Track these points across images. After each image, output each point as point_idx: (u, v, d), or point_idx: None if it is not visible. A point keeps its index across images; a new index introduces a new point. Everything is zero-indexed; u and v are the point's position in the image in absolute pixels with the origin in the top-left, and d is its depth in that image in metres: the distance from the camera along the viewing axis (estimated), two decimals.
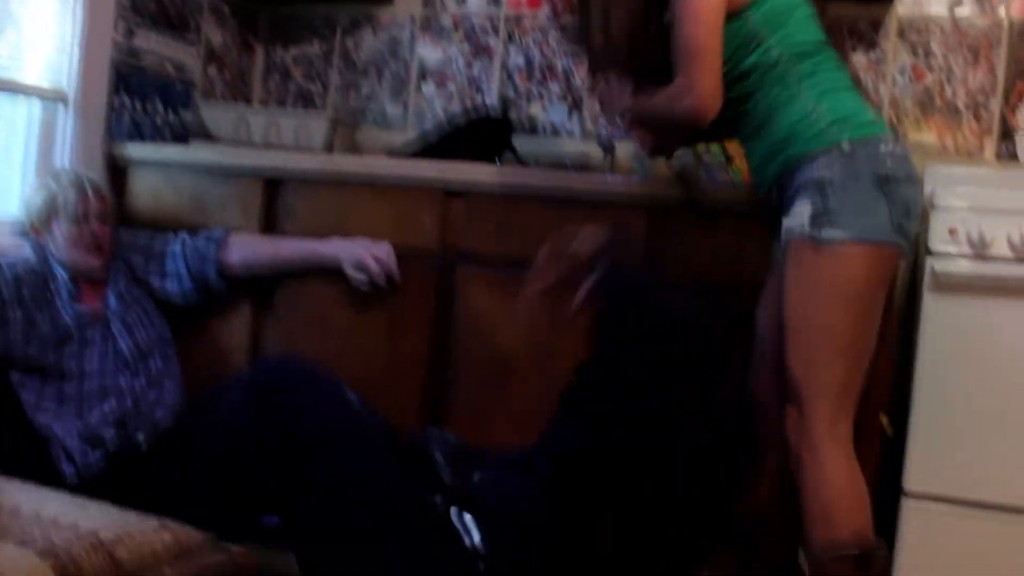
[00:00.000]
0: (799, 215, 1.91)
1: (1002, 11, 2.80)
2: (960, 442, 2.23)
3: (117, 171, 2.82)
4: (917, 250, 2.39)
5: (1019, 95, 2.78)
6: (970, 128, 2.83)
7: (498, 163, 2.81)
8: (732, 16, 2.00)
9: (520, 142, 3.01)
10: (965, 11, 2.83)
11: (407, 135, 3.22)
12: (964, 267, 2.21)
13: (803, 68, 1.99)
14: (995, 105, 2.81)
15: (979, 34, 2.82)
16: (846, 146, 1.91)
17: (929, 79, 2.86)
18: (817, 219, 1.89)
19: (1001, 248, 2.19)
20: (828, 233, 1.87)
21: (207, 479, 2.08)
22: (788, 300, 1.95)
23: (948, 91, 2.85)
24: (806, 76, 1.98)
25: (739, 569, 2.11)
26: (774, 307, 2.06)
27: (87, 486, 2.10)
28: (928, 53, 2.86)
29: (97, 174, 2.65)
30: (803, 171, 1.94)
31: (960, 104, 2.83)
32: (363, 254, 2.49)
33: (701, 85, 1.96)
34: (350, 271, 2.51)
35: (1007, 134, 2.79)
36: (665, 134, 2.26)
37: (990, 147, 2.81)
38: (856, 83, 2.09)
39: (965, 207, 2.24)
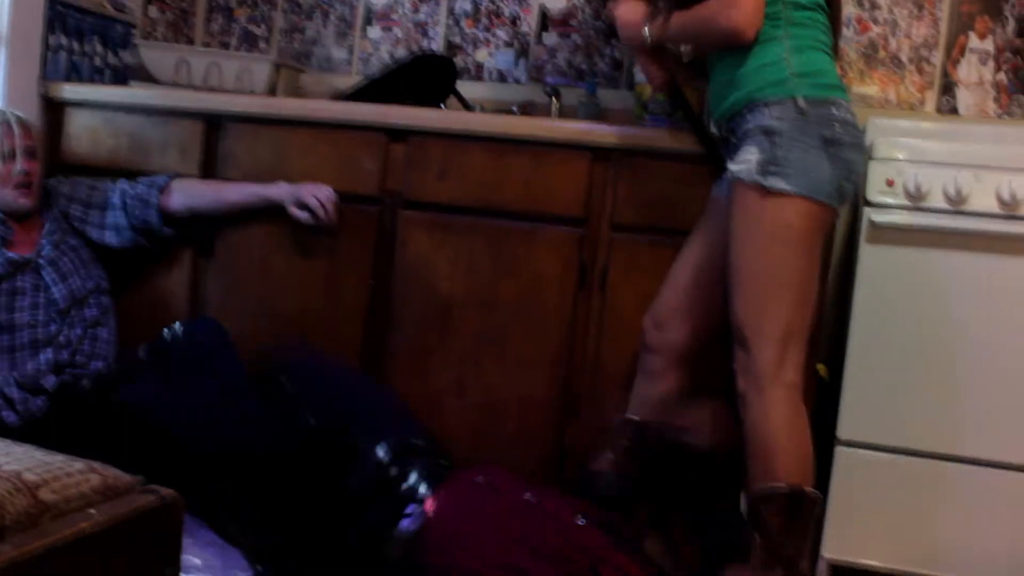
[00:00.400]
0: (747, 160, 1.93)
1: None
2: (893, 391, 2.27)
3: (53, 112, 2.75)
4: (856, 200, 2.42)
5: (960, 49, 2.80)
6: (912, 81, 2.85)
7: (443, 108, 2.79)
8: None
9: (466, 88, 2.98)
10: None
11: (352, 79, 3.17)
12: (900, 218, 2.24)
13: (795, 16, 1.99)
14: (937, 58, 2.83)
15: None
16: (801, 102, 1.93)
17: (874, 31, 2.87)
18: (764, 166, 1.91)
19: (937, 199, 2.22)
20: (773, 182, 1.90)
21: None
22: (734, 243, 1.98)
23: (892, 44, 2.86)
24: (794, 24, 1.98)
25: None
26: (702, 248, 2.11)
27: (32, 431, 2.07)
28: (874, 6, 2.87)
29: (31, 115, 2.59)
30: (755, 115, 1.96)
31: (904, 57, 2.85)
32: (304, 192, 2.47)
33: (748, 1, 1.94)
34: (292, 210, 2.48)
35: (948, 87, 2.81)
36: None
37: (931, 100, 2.83)
38: (834, 49, 2.08)
39: (903, 159, 2.27)
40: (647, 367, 2.18)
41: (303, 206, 2.47)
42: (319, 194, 2.47)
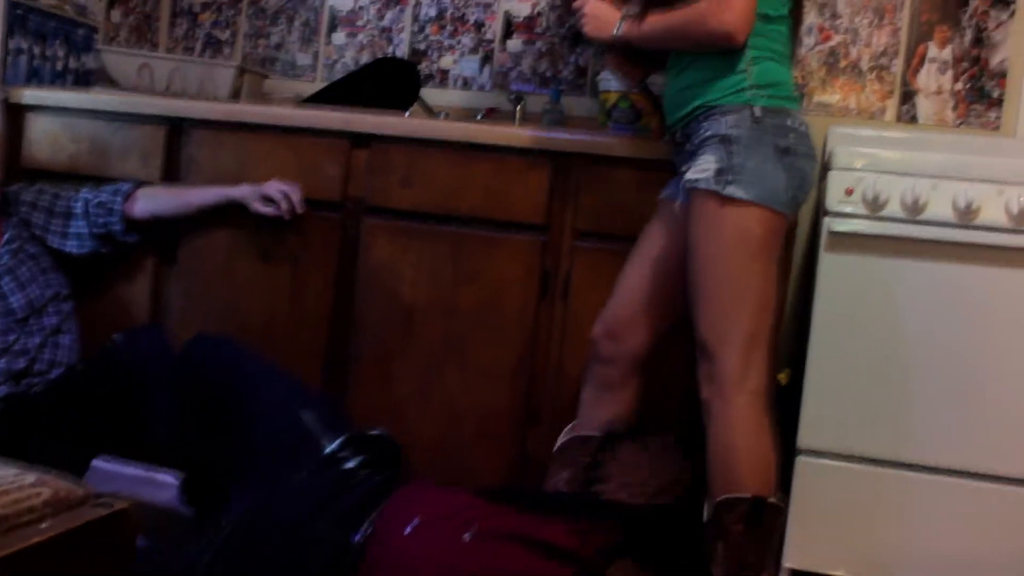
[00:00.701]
0: (704, 168, 1.94)
1: None
2: (854, 399, 2.28)
3: (13, 117, 2.72)
4: (817, 209, 2.44)
5: (920, 58, 2.83)
6: (873, 89, 2.87)
7: (407, 113, 2.78)
8: None
9: (430, 94, 2.98)
10: None
11: (317, 85, 3.17)
12: (859, 226, 2.25)
13: (760, 28, 1.98)
14: (897, 67, 2.85)
15: None
16: (758, 111, 1.95)
17: (835, 40, 2.89)
18: (722, 174, 1.92)
19: (895, 208, 2.24)
20: (731, 190, 1.91)
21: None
22: (695, 252, 1.98)
23: (853, 53, 2.88)
24: (757, 35, 1.98)
25: None
26: (653, 252, 2.12)
27: None
28: (835, 15, 2.89)
29: None
30: (712, 122, 1.97)
31: (864, 66, 2.88)
32: (267, 186, 2.47)
33: (740, 4, 1.91)
34: (255, 205, 2.47)
35: (908, 96, 2.84)
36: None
37: (892, 108, 2.86)
38: (793, 56, 2.09)
39: (861, 167, 2.28)
40: (603, 380, 2.17)
41: (267, 201, 2.46)
42: (282, 186, 2.46)
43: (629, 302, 2.15)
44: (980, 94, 2.80)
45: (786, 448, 2.27)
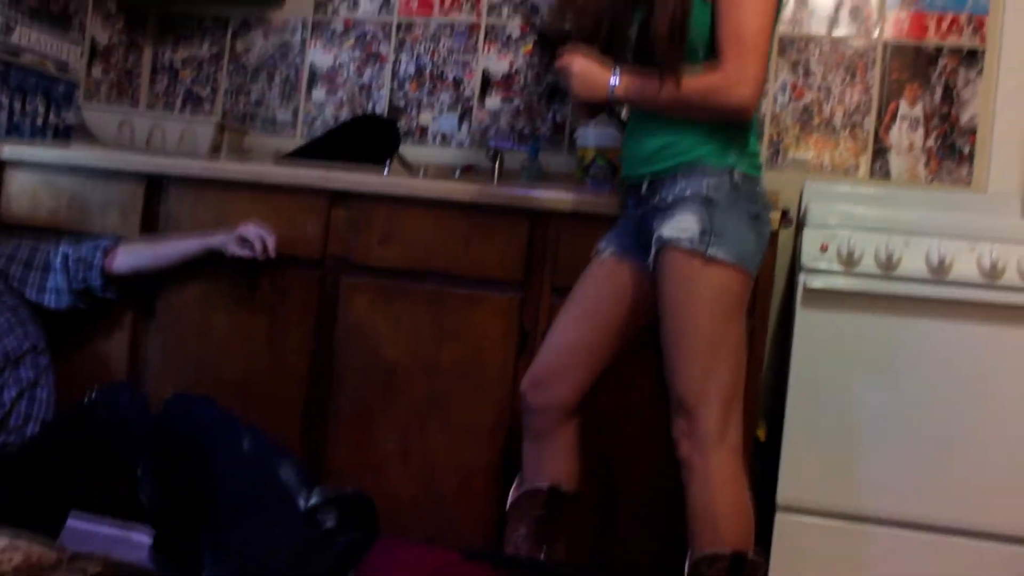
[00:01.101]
0: (685, 228, 1.95)
1: (876, 32, 2.90)
2: (832, 455, 2.29)
3: None
4: (792, 264, 2.46)
5: (892, 115, 2.88)
6: (847, 146, 2.92)
7: (386, 171, 2.80)
8: None
9: (409, 150, 3.01)
10: (842, 31, 2.92)
11: (297, 141, 3.19)
12: (834, 282, 2.28)
13: None
14: (870, 123, 2.90)
15: (855, 54, 2.91)
16: (738, 176, 1.97)
17: (808, 97, 2.94)
18: (705, 235, 1.93)
19: (869, 264, 2.27)
20: (714, 251, 1.93)
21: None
22: (673, 310, 1.99)
23: (826, 109, 2.93)
24: None
25: None
26: (588, 305, 2.13)
27: None
28: (808, 72, 2.94)
29: None
30: (692, 181, 1.98)
31: (837, 122, 2.92)
32: (242, 227, 2.46)
33: (756, 77, 1.91)
34: (232, 248, 2.47)
35: (881, 152, 2.89)
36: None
37: (865, 164, 2.90)
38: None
39: (836, 223, 2.31)
40: (536, 430, 2.17)
41: (243, 243, 2.47)
42: (258, 229, 2.46)
43: (558, 353, 2.15)
44: (951, 150, 2.84)
45: (766, 505, 2.27)
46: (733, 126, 1.98)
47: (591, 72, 2.04)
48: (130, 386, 2.45)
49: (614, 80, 2.02)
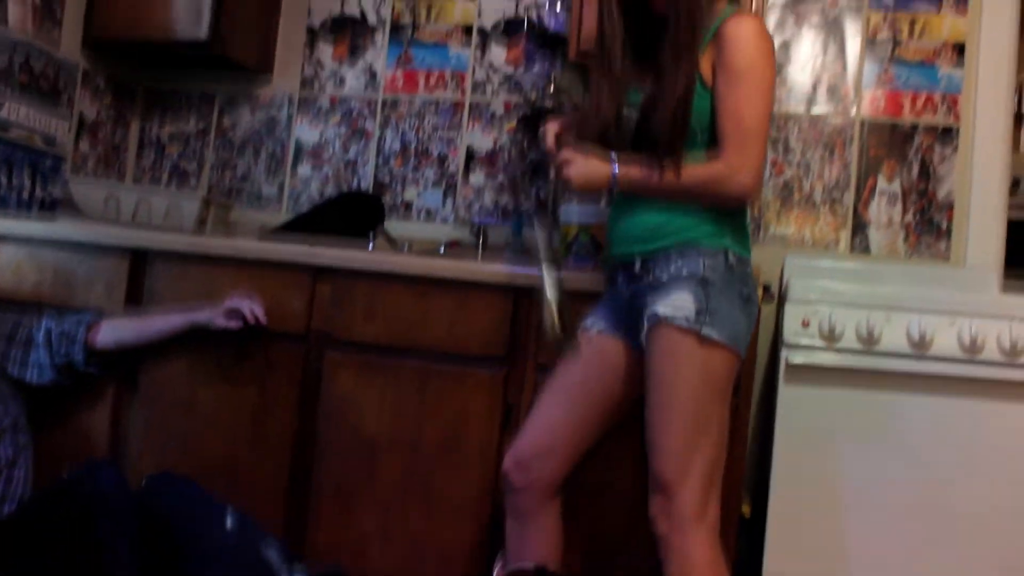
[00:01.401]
0: (680, 306, 1.95)
1: (854, 110, 2.96)
2: (816, 530, 2.29)
3: None
4: (774, 340, 2.48)
5: (870, 190, 2.92)
6: (827, 221, 2.95)
7: (370, 246, 2.82)
8: None
9: (394, 226, 3.03)
10: (821, 108, 2.98)
11: (282, 216, 3.21)
12: (816, 358, 2.30)
13: None
14: (849, 199, 2.94)
15: (833, 131, 2.97)
16: (731, 257, 1.99)
17: (788, 173, 2.99)
18: (701, 315, 1.94)
19: (850, 339, 2.29)
20: (708, 332, 1.94)
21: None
22: (661, 387, 1.98)
23: (806, 185, 2.98)
24: None
25: None
26: (575, 384, 2.13)
27: None
28: (787, 149, 2.99)
29: None
30: (688, 260, 1.99)
31: (817, 198, 2.96)
32: (230, 299, 2.46)
33: (757, 166, 1.95)
34: (219, 320, 2.47)
35: (860, 227, 2.93)
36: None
37: (845, 239, 2.94)
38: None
39: (817, 298, 2.34)
40: (519, 509, 2.15)
41: (231, 311, 2.46)
42: (245, 300, 2.46)
43: (542, 432, 2.14)
44: (929, 225, 2.89)
45: None
46: (720, 211, 2.01)
47: (591, 166, 2.04)
48: (109, 462, 2.43)
49: (615, 170, 2.02)
